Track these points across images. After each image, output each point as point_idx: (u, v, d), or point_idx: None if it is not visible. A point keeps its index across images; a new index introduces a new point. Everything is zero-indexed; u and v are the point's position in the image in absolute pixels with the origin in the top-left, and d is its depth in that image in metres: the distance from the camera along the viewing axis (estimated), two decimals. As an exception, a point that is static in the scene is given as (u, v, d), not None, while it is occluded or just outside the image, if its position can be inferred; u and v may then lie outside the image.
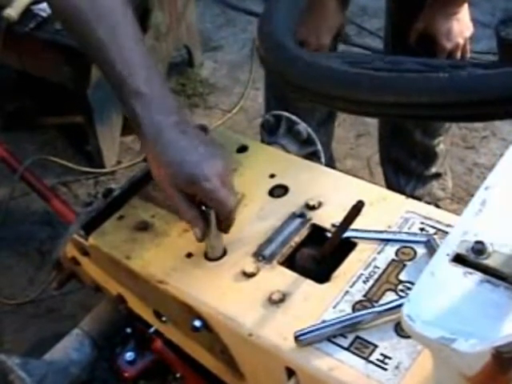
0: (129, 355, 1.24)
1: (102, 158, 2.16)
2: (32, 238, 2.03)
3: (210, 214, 0.85)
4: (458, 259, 0.55)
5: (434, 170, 1.79)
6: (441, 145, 1.75)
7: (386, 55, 0.45)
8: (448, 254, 0.55)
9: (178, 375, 1.22)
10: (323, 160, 1.18)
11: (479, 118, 0.39)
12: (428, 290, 0.53)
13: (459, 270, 0.54)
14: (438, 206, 1.80)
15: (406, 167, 1.79)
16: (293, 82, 0.45)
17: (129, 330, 1.19)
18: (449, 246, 0.56)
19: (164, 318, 0.97)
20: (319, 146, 1.17)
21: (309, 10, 1.40)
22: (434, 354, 0.51)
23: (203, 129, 1.14)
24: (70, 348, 1.08)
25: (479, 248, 0.55)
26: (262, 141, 1.17)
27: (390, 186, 1.85)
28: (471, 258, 0.55)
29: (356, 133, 2.24)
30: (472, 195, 0.59)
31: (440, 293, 0.52)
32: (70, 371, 1.07)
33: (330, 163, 1.81)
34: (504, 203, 0.59)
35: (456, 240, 0.57)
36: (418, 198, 1.80)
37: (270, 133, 1.19)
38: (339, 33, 1.47)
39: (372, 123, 2.22)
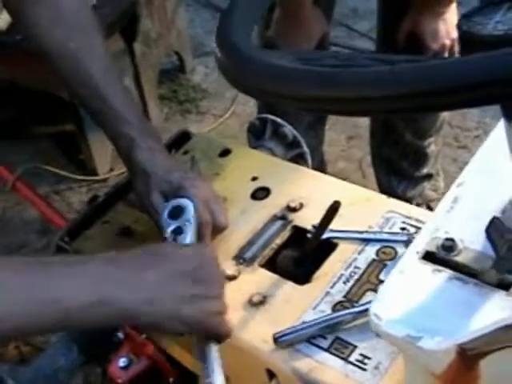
0: (122, 361, 1.24)
1: (95, 165, 2.16)
2: (27, 246, 2.02)
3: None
4: (428, 256, 0.55)
5: (425, 170, 1.79)
6: (432, 146, 1.74)
7: (340, 53, 0.45)
8: (418, 252, 0.55)
9: (170, 381, 1.22)
10: (310, 162, 1.18)
11: (423, 109, 0.38)
12: (397, 289, 0.52)
13: (428, 267, 0.54)
14: (429, 207, 1.79)
15: (397, 168, 1.78)
16: (239, 80, 0.45)
17: (121, 336, 1.19)
18: (419, 244, 0.56)
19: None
20: (305, 148, 1.17)
21: (285, 19, 1.38)
22: (403, 353, 0.51)
23: (186, 134, 1.15)
24: (58, 354, 1.08)
25: (449, 245, 0.55)
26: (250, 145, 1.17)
27: (382, 186, 1.85)
28: (441, 255, 0.54)
29: (347, 135, 2.24)
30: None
31: (409, 291, 0.52)
32: (58, 377, 1.07)
33: (322, 166, 1.80)
34: (475, 200, 0.59)
35: (426, 237, 0.56)
36: (410, 199, 1.80)
37: (256, 136, 1.19)
38: (322, 43, 1.44)
39: (363, 125, 2.22)
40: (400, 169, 1.79)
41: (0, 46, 1.86)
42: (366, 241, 0.85)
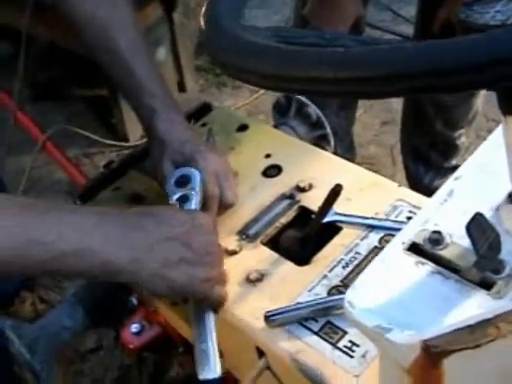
0: (134, 327, 1.25)
1: (126, 131, 2.17)
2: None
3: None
4: (413, 248, 0.54)
5: (454, 162, 1.75)
6: (462, 137, 1.70)
7: (328, 33, 0.44)
8: (403, 242, 0.54)
9: (181, 349, 1.23)
10: (332, 144, 1.16)
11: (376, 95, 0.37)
12: (376, 277, 0.52)
13: (412, 259, 0.53)
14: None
15: (426, 158, 1.75)
16: (209, 50, 0.44)
17: (135, 302, 1.21)
18: (406, 234, 0.55)
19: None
20: (329, 130, 1.16)
21: None
22: (373, 343, 0.50)
23: (208, 105, 1.14)
24: (63, 315, 1.10)
25: (436, 238, 0.53)
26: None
27: (409, 174, 1.82)
28: (426, 248, 0.53)
29: (381, 120, 2.21)
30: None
31: (388, 281, 0.51)
32: (62, 337, 1.09)
33: (351, 148, 1.78)
34: (470, 195, 0.57)
35: (415, 228, 0.55)
36: (436, 189, 1.76)
37: (280, 114, 1.18)
38: (357, 25, 1.41)
39: (398, 111, 2.18)
40: (428, 158, 1.76)
41: (40, 7, 1.87)
42: (371, 227, 0.84)
